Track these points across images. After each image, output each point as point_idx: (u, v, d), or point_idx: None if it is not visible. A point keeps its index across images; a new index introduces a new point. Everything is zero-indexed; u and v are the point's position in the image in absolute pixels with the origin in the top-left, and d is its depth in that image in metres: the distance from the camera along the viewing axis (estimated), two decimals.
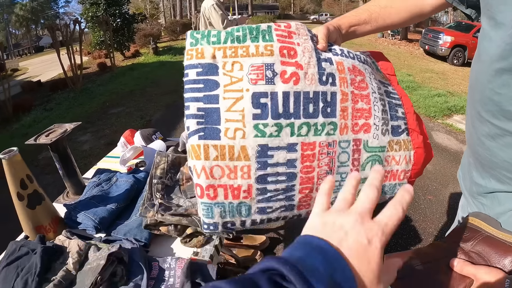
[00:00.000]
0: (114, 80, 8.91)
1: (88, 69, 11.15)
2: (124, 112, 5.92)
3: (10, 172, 1.04)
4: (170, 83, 7.61)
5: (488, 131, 0.67)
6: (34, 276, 0.90)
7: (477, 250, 0.64)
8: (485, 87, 0.65)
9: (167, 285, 0.84)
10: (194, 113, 0.64)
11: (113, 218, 1.17)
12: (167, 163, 1.18)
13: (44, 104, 7.66)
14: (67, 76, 8.35)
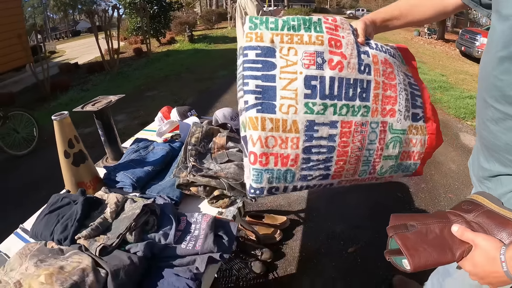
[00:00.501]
0: (150, 65, 9.19)
1: (124, 53, 11.50)
2: (159, 96, 6.14)
3: (60, 132, 1.18)
4: (204, 70, 7.77)
5: (491, 115, 0.73)
6: (74, 221, 1.00)
7: (478, 220, 0.70)
8: (489, 74, 0.72)
9: (192, 236, 0.95)
10: (253, 89, 0.75)
11: (148, 179, 1.30)
12: (201, 133, 1.29)
13: (81, 85, 7.99)
14: (104, 59, 8.69)
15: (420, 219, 0.72)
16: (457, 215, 0.72)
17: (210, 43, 12.00)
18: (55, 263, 0.84)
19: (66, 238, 0.98)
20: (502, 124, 0.71)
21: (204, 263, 0.86)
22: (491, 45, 0.72)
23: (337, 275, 1.84)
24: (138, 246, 0.90)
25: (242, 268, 1.88)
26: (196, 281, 0.82)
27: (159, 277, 0.85)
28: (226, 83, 6.34)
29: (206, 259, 0.87)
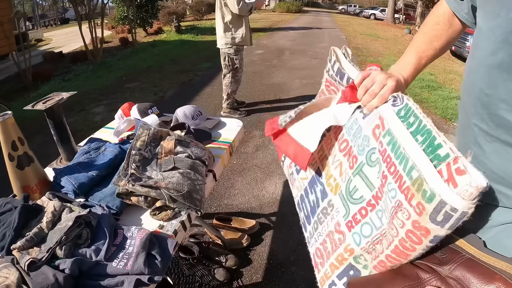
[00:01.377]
0: (134, 56, 8.97)
1: (110, 43, 11.25)
2: (140, 87, 5.96)
3: (3, 134, 1.09)
4: (189, 62, 7.60)
5: (475, 137, 0.61)
6: (11, 230, 0.94)
7: (455, 275, 0.56)
8: (474, 86, 0.60)
9: (126, 253, 0.85)
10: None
11: (92, 184, 1.19)
12: (148, 136, 1.18)
13: (63, 74, 7.78)
14: (88, 49, 8.45)
15: (382, 284, 0.59)
16: (429, 270, 0.58)
17: (197, 34, 11.76)
18: None
19: (3, 248, 0.92)
20: (487, 148, 0.59)
21: (131, 286, 0.76)
22: (477, 50, 0.60)
23: (305, 285, 1.76)
24: (66, 263, 0.81)
25: (205, 275, 1.78)
26: None
27: None
28: (208, 75, 6.20)
29: (133, 282, 0.78)
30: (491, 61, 0.54)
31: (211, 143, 1.50)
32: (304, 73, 5.87)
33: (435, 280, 0.56)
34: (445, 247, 0.60)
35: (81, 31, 8.15)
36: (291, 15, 20.22)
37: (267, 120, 0.85)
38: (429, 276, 0.57)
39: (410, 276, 0.58)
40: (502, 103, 0.53)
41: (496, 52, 0.53)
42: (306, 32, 11.87)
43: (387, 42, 10.63)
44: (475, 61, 0.61)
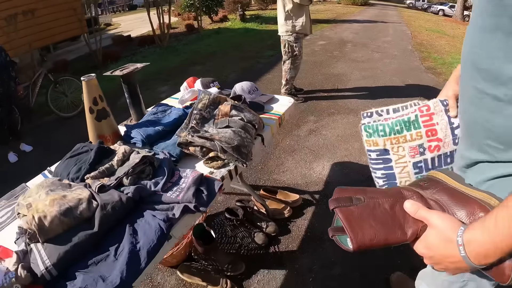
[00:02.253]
0: (199, 41, 9.39)
1: (176, 29, 11.80)
2: (203, 70, 6.30)
3: (87, 91, 1.37)
4: (251, 49, 7.80)
5: (470, 96, 0.67)
6: (87, 164, 1.18)
7: (435, 198, 0.65)
8: (466, 48, 0.67)
9: (179, 188, 1.04)
10: (380, 176, 1.10)
11: (157, 137, 1.40)
12: (208, 100, 1.36)
13: (131, 56, 8.37)
14: (155, 33, 9.01)
15: (368, 193, 0.67)
16: (412, 191, 0.67)
17: (261, 23, 11.92)
18: (61, 192, 1.00)
19: (78, 177, 1.15)
20: (479, 105, 0.64)
21: (179, 211, 0.95)
22: (473, 17, 0.65)
23: (337, 260, 1.85)
24: (130, 189, 1.01)
25: (245, 237, 1.96)
26: (167, 223, 0.92)
27: (139, 215, 0.97)
28: (270, 63, 6.33)
29: (181, 208, 0.95)
30: (481, 23, 0.61)
31: (263, 114, 1.65)
32: (364, 66, 5.77)
33: (416, 197, 0.65)
34: (429, 178, 0.72)
35: (150, 16, 8.70)
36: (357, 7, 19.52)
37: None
38: (411, 194, 0.66)
39: (394, 193, 0.68)
40: (488, 58, 0.59)
41: (480, 16, 0.61)
42: (371, 25, 11.46)
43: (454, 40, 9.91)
44: (471, 27, 0.66)
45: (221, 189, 1.07)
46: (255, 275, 1.81)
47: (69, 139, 2.79)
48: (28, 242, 0.92)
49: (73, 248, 0.87)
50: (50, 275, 0.84)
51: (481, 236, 0.52)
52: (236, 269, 1.80)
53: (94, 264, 0.88)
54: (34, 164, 3.60)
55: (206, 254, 1.79)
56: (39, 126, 4.70)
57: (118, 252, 0.90)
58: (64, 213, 0.91)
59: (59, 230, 0.90)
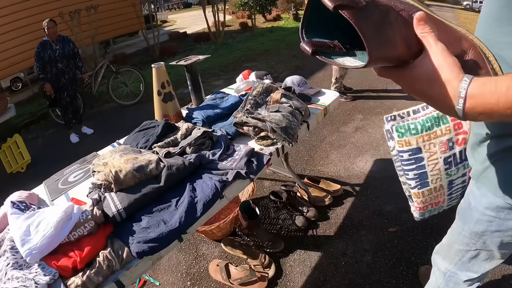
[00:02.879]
0: (253, 39, 9.65)
1: (230, 27, 12.18)
2: (256, 67, 6.52)
3: (156, 76, 1.62)
4: None
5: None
6: (154, 136, 1.40)
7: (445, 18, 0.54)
8: (478, 36, 0.64)
9: (234, 158, 1.23)
10: (412, 177, 1.18)
11: (216, 118, 1.61)
12: (262, 88, 1.54)
13: (187, 52, 8.84)
14: (210, 30, 9.41)
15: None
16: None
17: None
18: (133, 155, 1.22)
19: (146, 146, 1.38)
20: None
21: (232, 175, 1.14)
22: (482, 9, 0.70)
23: (370, 248, 1.94)
24: (191, 156, 1.22)
25: (286, 219, 2.12)
26: (221, 183, 1.12)
27: (198, 177, 1.18)
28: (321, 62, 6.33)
29: (234, 173, 1.14)
30: (487, 14, 0.66)
31: (310, 104, 1.80)
32: None
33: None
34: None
35: (205, 14, 9.11)
36: None
37: None
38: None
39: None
40: (496, 44, 0.62)
41: (488, 6, 0.66)
42: None
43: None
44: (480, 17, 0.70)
45: (268, 162, 1.24)
46: (292, 254, 1.96)
47: (126, 125, 3.14)
48: (103, 192, 1.11)
49: (141, 197, 1.07)
50: (120, 216, 1.03)
51: (489, 91, 0.45)
52: (276, 246, 1.96)
53: (157, 211, 1.07)
54: (93, 145, 4.04)
55: (249, 229, 1.97)
56: (100, 112, 5.22)
57: (179, 203, 1.09)
58: (137, 169, 1.11)
59: (131, 183, 1.10)
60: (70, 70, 4.03)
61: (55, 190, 1.36)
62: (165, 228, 1.00)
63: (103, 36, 8.09)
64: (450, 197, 1.27)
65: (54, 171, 1.54)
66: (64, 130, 4.42)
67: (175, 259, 2.06)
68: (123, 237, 0.99)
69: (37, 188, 1.44)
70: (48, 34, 3.82)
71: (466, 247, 0.92)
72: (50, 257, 0.92)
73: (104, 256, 0.92)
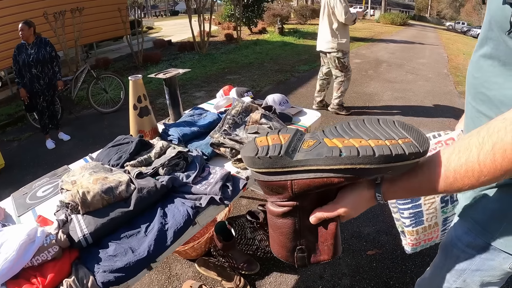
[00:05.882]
0: (237, 51, 9.67)
1: (215, 37, 12.20)
2: (239, 80, 6.52)
3: (133, 90, 1.55)
4: (288, 63, 7.95)
5: (470, 114, 0.74)
6: (127, 154, 1.33)
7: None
8: (469, 73, 0.73)
9: (208, 182, 1.17)
10: (408, 216, 1.18)
11: (193, 136, 1.56)
12: (241, 107, 1.50)
13: (171, 60, 8.75)
14: (195, 40, 9.36)
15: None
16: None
17: (299, 37, 12.11)
18: (103, 174, 1.15)
19: (118, 164, 1.31)
20: (476, 123, 0.69)
21: (206, 201, 1.09)
22: (479, 38, 0.72)
23: (348, 271, 1.91)
24: (164, 178, 1.16)
25: (263, 240, 2.06)
26: (194, 210, 1.06)
27: (170, 201, 1.11)
28: (305, 77, 6.46)
29: (208, 198, 1.09)
30: (480, 52, 0.67)
31: (290, 124, 1.77)
32: (397, 86, 5.77)
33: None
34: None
35: (191, 23, 9.06)
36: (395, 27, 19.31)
37: None
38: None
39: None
40: (485, 83, 0.66)
41: (482, 44, 0.66)
42: (407, 46, 11.34)
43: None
44: (473, 54, 0.73)
45: (245, 187, 1.20)
46: (268, 276, 1.91)
47: (105, 133, 3.04)
48: (69, 213, 1.04)
49: (109, 222, 1.00)
50: (86, 241, 0.96)
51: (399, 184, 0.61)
52: (251, 268, 1.90)
53: (126, 237, 1.01)
54: (69, 152, 3.90)
55: (224, 250, 1.91)
56: (78, 118, 5.05)
57: (149, 230, 1.03)
58: (105, 191, 1.05)
59: (99, 205, 1.04)
60: (45, 75, 3.88)
61: (22, 205, 1.28)
62: (132, 257, 0.94)
63: (86, 40, 7.93)
64: (443, 232, 1.27)
65: (27, 177, 1.48)
66: (41, 134, 4.25)
67: (148, 278, 1.96)
68: (88, 264, 0.93)
69: (5, 201, 1.35)
70: (22, 37, 3.68)
71: (446, 284, 0.89)
72: (11, 282, 0.85)
73: (68, 284, 0.86)
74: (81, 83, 5.06)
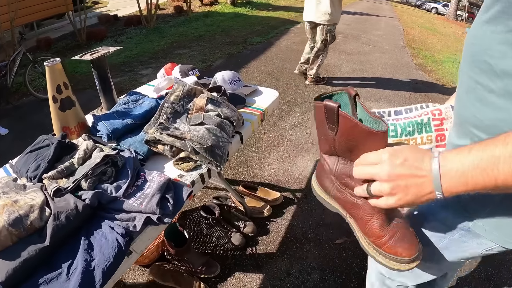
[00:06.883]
0: (187, 24, 9.07)
1: (164, 10, 11.38)
2: (189, 54, 6.08)
3: (50, 77, 1.20)
4: (240, 35, 7.58)
5: (465, 86, 0.68)
6: (45, 162, 1.03)
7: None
8: (467, 41, 0.68)
9: (143, 193, 0.90)
10: None
11: (125, 131, 1.25)
12: (182, 92, 1.21)
13: (116, 36, 8.04)
14: (142, 14, 8.65)
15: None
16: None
17: (252, 8, 11.62)
18: (13, 196, 0.87)
19: (36, 176, 1.02)
20: (471, 94, 0.65)
21: (141, 222, 0.83)
22: (483, 4, 0.66)
23: (317, 264, 1.77)
24: (87, 194, 0.88)
25: (221, 237, 1.85)
26: (126, 238, 0.81)
27: (96, 226, 0.85)
28: (258, 49, 6.16)
29: (143, 219, 0.83)
30: (484, 17, 0.61)
31: (244, 108, 1.52)
32: (354, 58, 5.66)
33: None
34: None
35: None
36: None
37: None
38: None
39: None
40: (487, 50, 0.60)
41: (489, 8, 0.60)
42: (363, 17, 11.32)
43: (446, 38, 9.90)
44: (475, 22, 0.67)
45: (190, 196, 0.94)
46: (230, 278, 1.71)
47: (47, 123, 2.62)
48: None
49: (22, 264, 0.76)
50: None
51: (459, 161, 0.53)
52: (211, 271, 1.70)
53: (45, 283, 0.76)
54: (8, 148, 3.39)
55: (179, 256, 1.67)
56: (17, 107, 4.43)
57: (71, 271, 0.78)
58: (12, 223, 0.79)
59: (7, 243, 0.79)
60: None
61: None
62: None
63: (24, 20, 7.00)
64: None
65: None
66: None
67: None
68: None
69: None
70: None
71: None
72: None
73: None
74: (17, 69, 4.40)
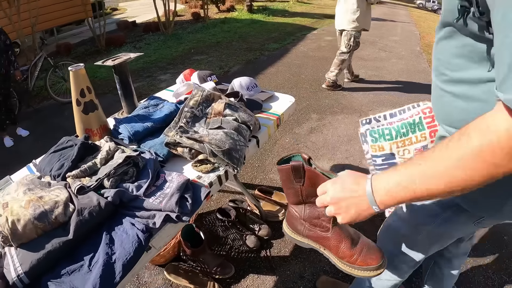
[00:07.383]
0: (204, 31, 9.22)
1: (182, 17, 11.60)
2: (206, 60, 6.18)
3: (74, 82, 1.28)
4: (257, 41, 7.65)
5: (435, 94, 0.79)
6: (69, 162, 1.09)
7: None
8: (433, 54, 0.79)
9: (163, 193, 0.95)
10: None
11: (146, 134, 1.31)
12: (201, 97, 1.27)
13: (135, 42, 8.24)
14: (160, 20, 8.84)
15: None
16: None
17: (268, 15, 11.72)
18: (38, 192, 0.93)
19: (60, 175, 1.07)
20: (442, 99, 0.76)
21: (161, 220, 0.88)
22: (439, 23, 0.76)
23: (330, 269, 1.77)
24: (110, 192, 0.93)
25: (236, 239, 1.88)
26: (146, 234, 0.85)
27: (118, 222, 0.90)
28: (274, 56, 6.21)
29: (163, 216, 0.88)
30: (440, 35, 0.73)
31: (261, 113, 1.56)
32: (369, 64, 5.63)
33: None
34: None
35: (155, 3, 8.53)
36: None
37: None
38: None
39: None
40: (446, 64, 0.72)
41: (441, 27, 0.71)
42: (379, 23, 11.22)
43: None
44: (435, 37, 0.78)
45: (208, 197, 0.98)
46: (244, 280, 1.74)
47: (67, 125, 2.73)
48: (2, 245, 0.87)
49: (46, 256, 0.82)
50: (22, 283, 0.79)
51: (387, 179, 0.62)
52: (225, 272, 1.73)
53: (67, 274, 0.82)
54: (29, 149, 3.53)
55: (195, 256, 1.72)
56: (37, 110, 4.62)
57: (93, 263, 0.83)
58: (38, 217, 0.85)
59: (33, 235, 0.85)
60: (1, 66, 3.46)
61: None
62: None
63: (44, 25, 7.27)
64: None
65: None
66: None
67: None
68: None
69: None
70: None
71: (412, 236, 1.02)
72: None
73: None
74: (38, 73, 4.58)
